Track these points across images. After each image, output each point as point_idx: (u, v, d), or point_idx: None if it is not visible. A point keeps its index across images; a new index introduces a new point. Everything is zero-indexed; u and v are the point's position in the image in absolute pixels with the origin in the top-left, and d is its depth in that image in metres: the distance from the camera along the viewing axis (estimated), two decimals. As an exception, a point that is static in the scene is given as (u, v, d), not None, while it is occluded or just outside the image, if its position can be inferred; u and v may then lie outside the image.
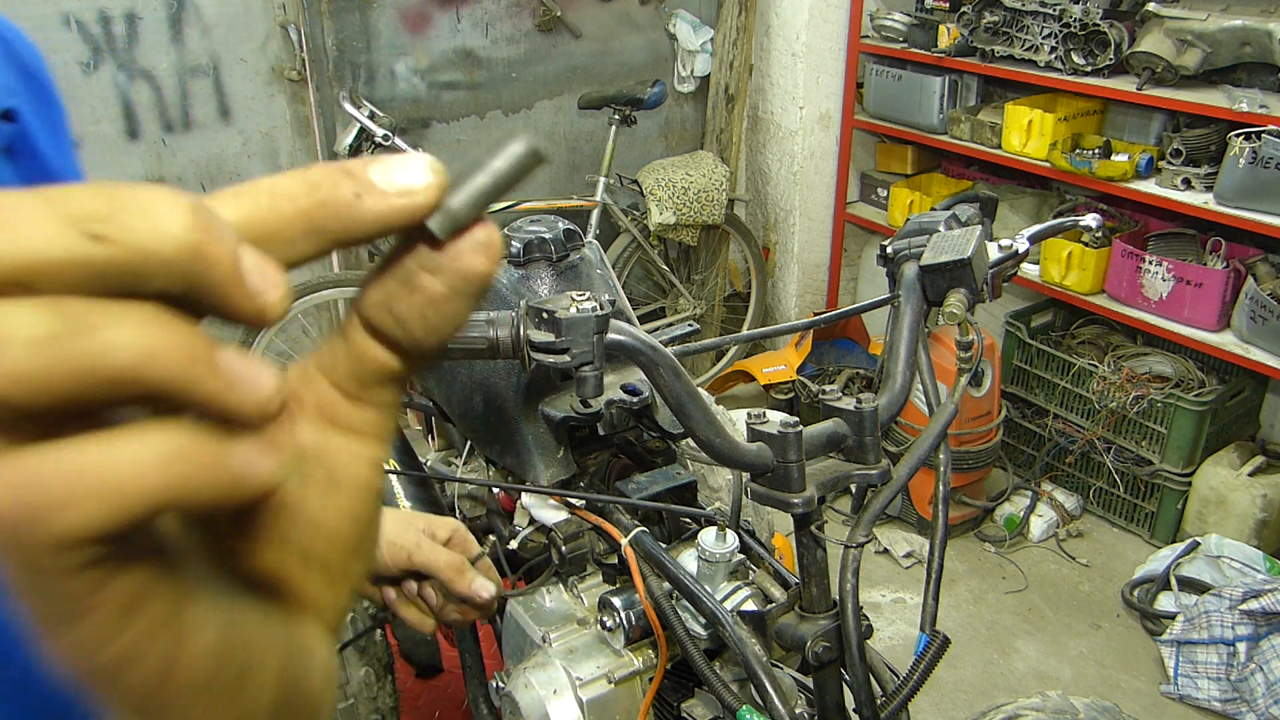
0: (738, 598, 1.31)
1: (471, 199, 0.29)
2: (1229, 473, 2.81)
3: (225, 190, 0.26)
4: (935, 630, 1.11)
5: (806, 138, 3.67)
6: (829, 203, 3.83)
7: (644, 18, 3.63)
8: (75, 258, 0.21)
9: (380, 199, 0.27)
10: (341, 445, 0.32)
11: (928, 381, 1.23)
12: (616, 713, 1.35)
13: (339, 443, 0.32)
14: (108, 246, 0.22)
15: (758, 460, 0.95)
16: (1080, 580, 2.94)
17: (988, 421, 2.98)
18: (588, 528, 1.46)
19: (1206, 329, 2.75)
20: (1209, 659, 2.44)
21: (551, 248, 1.44)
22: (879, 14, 3.47)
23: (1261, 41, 2.55)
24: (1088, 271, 2.95)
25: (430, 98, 3.28)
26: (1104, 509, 3.15)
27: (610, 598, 1.36)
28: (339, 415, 0.32)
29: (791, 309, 3.95)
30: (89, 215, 0.22)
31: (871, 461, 1.02)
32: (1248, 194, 2.52)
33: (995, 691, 2.54)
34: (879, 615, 2.79)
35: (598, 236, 3.25)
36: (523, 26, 3.37)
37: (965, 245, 1.16)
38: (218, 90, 2.94)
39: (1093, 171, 2.81)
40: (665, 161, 3.53)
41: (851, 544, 1.05)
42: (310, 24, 2.96)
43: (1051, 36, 2.92)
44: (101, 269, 0.22)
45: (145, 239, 0.22)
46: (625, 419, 1.44)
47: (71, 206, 0.22)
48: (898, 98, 3.41)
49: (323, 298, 3.01)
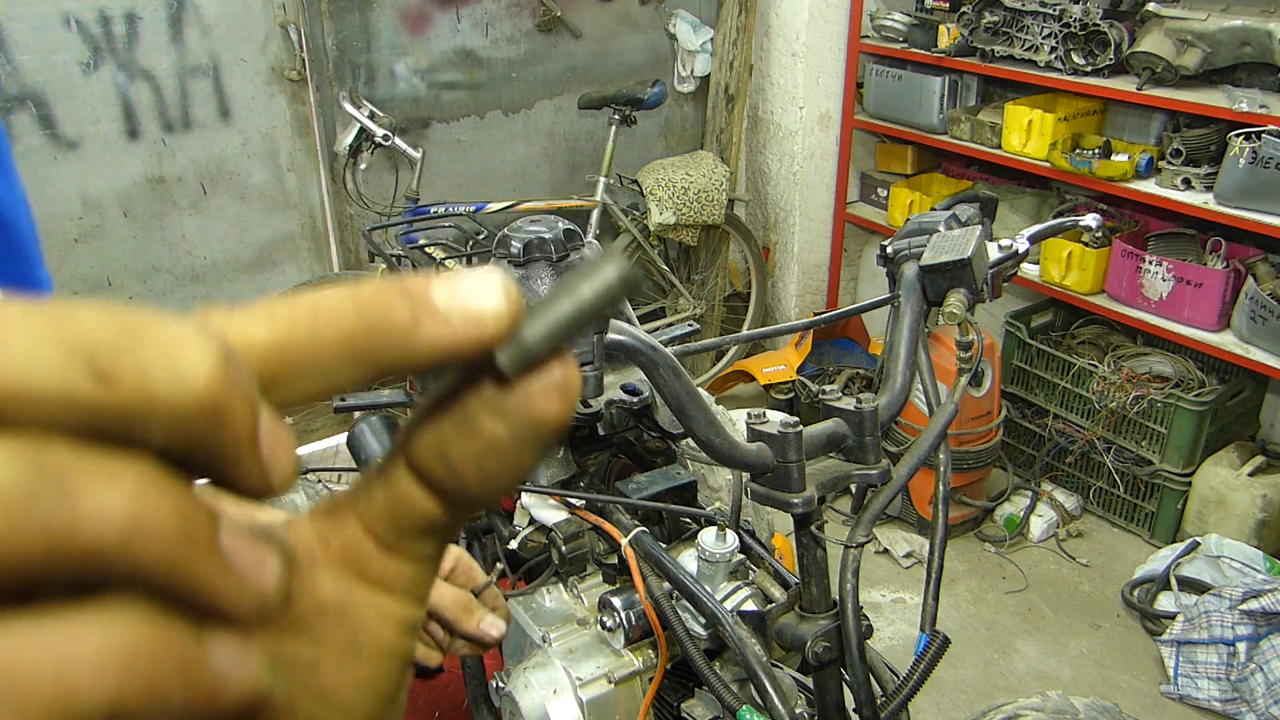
0: (738, 598, 1.31)
1: (549, 330, 0.24)
2: (1229, 473, 2.81)
3: (259, 304, 0.23)
4: (935, 630, 1.11)
5: (806, 138, 3.67)
6: (829, 203, 3.83)
7: (644, 18, 3.63)
8: (71, 397, 0.18)
9: (442, 326, 0.23)
10: (368, 602, 0.27)
11: (928, 381, 1.23)
12: (616, 713, 1.35)
13: (366, 598, 0.27)
14: (113, 389, 0.18)
15: (758, 460, 0.95)
16: (1080, 580, 2.94)
17: (988, 421, 2.98)
18: (588, 528, 1.46)
19: (1206, 329, 2.75)
20: (1209, 659, 2.44)
21: (551, 248, 1.44)
22: (879, 14, 3.47)
23: (1261, 41, 2.55)
24: (1088, 271, 2.95)
25: (430, 98, 3.28)
26: (1104, 509, 3.15)
27: (610, 598, 1.36)
28: (369, 567, 0.27)
29: (791, 309, 3.95)
30: (97, 346, 0.18)
31: (871, 461, 1.02)
32: (1248, 194, 2.52)
33: (995, 691, 2.54)
34: (879, 615, 2.79)
35: (598, 236, 3.25)
36: (523, 26, 3.37)
37: (965, 245, 1.16)
38: (218, 90, 2.94)
39: (1093, 171, 2.81)
40: (665, 161, 3.53)
41: (851, 544, 1.05)
42: (310, 24, 2.96)
43: (1051, 36, 2.92)
44: (99, 414, 0.18)
45: (159, 387, 0.19)
46: (625, 419, 1.44)
47: (79, 332, 0.18)
48: (898, 98, 3.41)
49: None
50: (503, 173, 3.51)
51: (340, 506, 0.27)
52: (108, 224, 2.90)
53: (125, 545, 0.19)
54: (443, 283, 0.23)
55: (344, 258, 3.27)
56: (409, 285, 0.23)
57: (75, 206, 2.84)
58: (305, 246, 3.25)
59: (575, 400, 0.25)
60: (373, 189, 3.15)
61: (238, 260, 3.16)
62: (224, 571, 0.20)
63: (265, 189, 3.12)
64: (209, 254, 3.10)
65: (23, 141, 2.70)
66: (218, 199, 3.05)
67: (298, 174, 3.15)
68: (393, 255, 2.66)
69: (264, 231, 3.16)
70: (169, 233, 3.01)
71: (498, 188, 3.47)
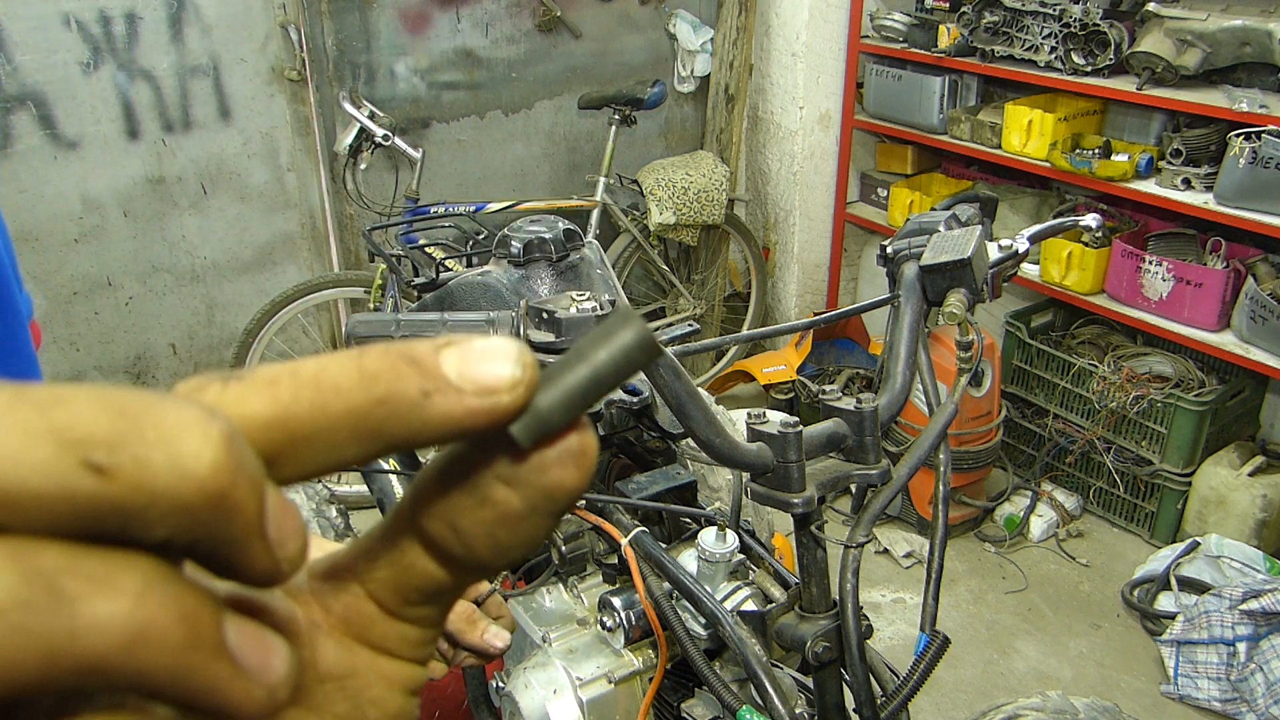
0: (738, 598, 1.31)
1: (565, 399, 0.23)
2: (1229, 473, 2.81)
3: (259, 373, 0.21)
4: (935, 630, 1.11)
5: (806, 138, 3.67)
6: (829, 203, 3.83)
7: (644, 18, 3.63)
8: (66, 494, 0.17)
9: (454, 400, 0.22)
10: (371, 666, 0.26)
11: (928, 381, 1.23)
12: (616, 713, 1.35)
13: (369, 663, 0.26)
14: (110, 483, 0.17)
15: (758, 460, 0.95)
16: (1080, 580, 2.94)
17: (988, 421, 2.98)
18: (588, 528, 1.46)
19: (1206, 329, 2.75)
20: (1209, 659, 2.43)
21: (551, 248, 1.44)
22: (879, 14, 3.47)
23: (1261, 41, 2.55)
24: (1088, 271, 2.95)
25: (430, 98, 3.28)
26: (1104, 509, 3.15)
27: (610, 598, 1.36)
28: (372, 632, 0.26)
29: (791, 309, 3.95)
30: (92, 437, 0.17)
31: (871, 461, 1.02)
32: (1248, 194, 2.52)
33: (995, 691, 2.54)
34: (879, 615, 2.79)
35: (598, 236, 3.25)
36: (523, 26, 3.37)
37: (965, 245, 1.16)
38: (218, 90, 2.94)
39: (1093, 171, 2.81)
40: (665, 161, 3.53)
41: (851, 544, 1.05)
42: (310, 24, 2.96)
43: (1051, 36, 2.92)
44: (96, 510, 0.17)
45: (160, 478, 0.18)
46: (625, 419, 1.44)
47: (71, 422, 0.17)
48: (898, 98, 3.41)
49: (323, 298, 3.01)
50: (503, 173, 3.51)
51: (342, 571, 0.26)
52: (108, 224, 2.91)
53: (127, 655, 0.17)
54: (453, 351, 0.22)
55: (344, 258, 3.27)
56: (416, 354, 0.22)
57: (75, 206, 2.84)
58: (305, 246, 3.25)
59: (592, 468, 0.24)
60: (373, 189, 3.15)
61: (238, 260, 3.16)
62: (231, 672, 0.19)
63: (265, 189, 3.12)
64: (209, 254, 3.10)
65: (23, 141, 2.70)
66: (218, 199, 3.05)
67: (298, 174, 3.15)
68: (393, 255, 2.66)
69: (264, 231, 3.16)
70: (169, 233, 3.01)
71: (498, 188, 3.47)
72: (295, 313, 2.98)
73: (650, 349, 0.24)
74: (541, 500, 0.24)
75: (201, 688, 0.19)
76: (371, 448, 0.22)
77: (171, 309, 3.10)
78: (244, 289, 3.19)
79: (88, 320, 2.98)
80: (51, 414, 0.17)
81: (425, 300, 1.58)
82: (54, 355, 2.95)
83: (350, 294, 3.02)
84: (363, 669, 0.26)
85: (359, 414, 0.21)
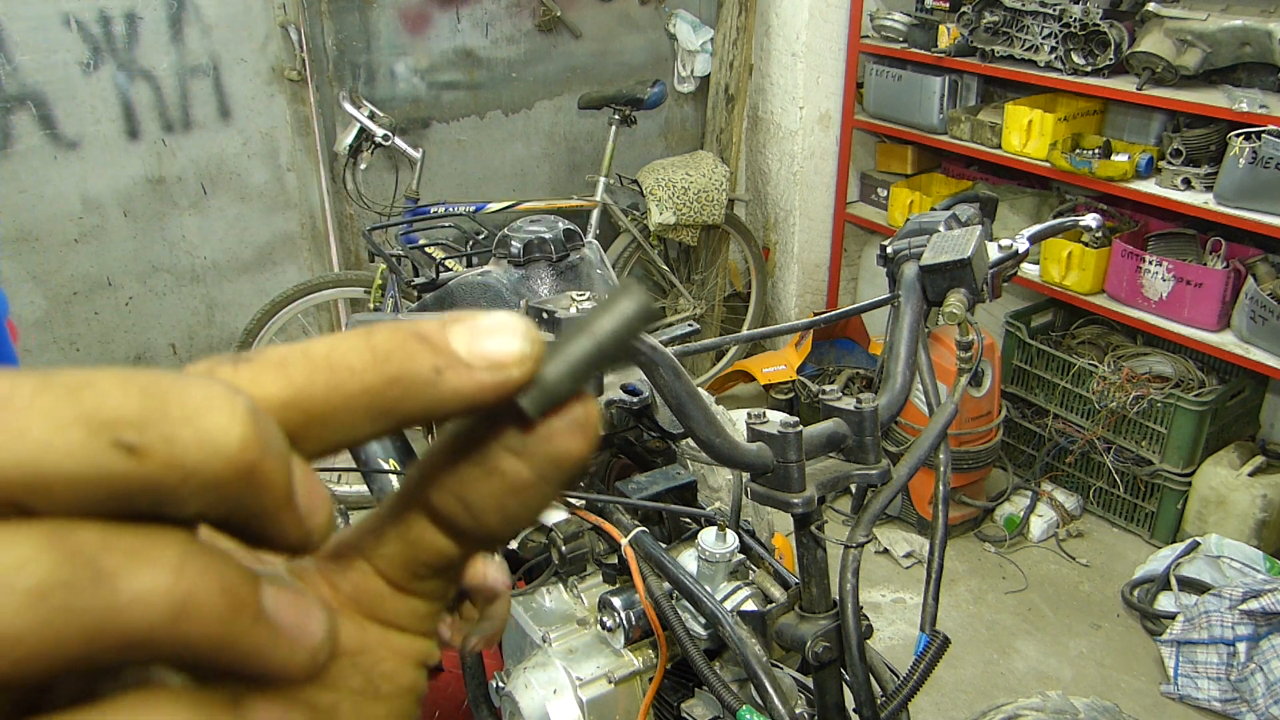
0: (738, 598, 1.31)
1: (570, 369, 0.24)
2: (1229, 473, 2.81)
3: (269, 355, 0.22)
4: (935, 630, 1.11)
5: (806, 138, 3.67)
6: (829, 203, 3.83)
7: (644, 18, 3.63)
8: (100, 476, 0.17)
9: (465, 375, 0.22)
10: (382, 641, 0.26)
11: (928, 381, 1.23)
12: (616, 713, 1.35)
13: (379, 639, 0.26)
14: (141, 462, 0.17)
15: (758, 460, 0.95)
16: (1080, 580, 2.94)
17: (988, 421, 2.98)
18: (588, 528, 1.46)
19: (1206, 329, 2.75)
20: (1209, 659, 2.43)
21: (551, 248, 1.44)
22: (879, 14, 3.47)
23: (1261, 41, 2.55)
24: (1088, 271, 2.95)
25: (430, 98, 3.28)
26: (1104, 509, 3.15)
27: (610, 598, 1.36)
28: (382, 607, 0.26)
29: (791, 309, 3.95)
30: (121, 419, 0.17)
31: (871, 461, 1.02)
32: (1248, 194, 2.52)
33: (995, 691, 2.54)
34: (879, 615, 2.79)
35: (598, 236, 3.25)
36: (523, 26, 3.37)
37: (965, 245, 1.16)
38: (218, 90, 2.95)
39: (1093, 171, 2.81)
40: (665, 161, 3.53)
41: (851, 544, 1.05)
42: (310, 24, 2.96)
43: (1051, 36, 2.92)
44: (130, 489, 0.18)
45: (190, 454, 0.18)
46: (625, 419, 1.44)
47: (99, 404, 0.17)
48: (898, 98, 3.41)
49: (323, 298, 3.01)
50: (503, 173, 3.52)
51: (348, 550, 0.26)
52: (108, 224, 2.91)
53: (172, 626, 0.18)
54: (462, 327, 0.23)
55: (344, 258, 3.27)
56: (426, 331, 0.22)
57: (75, 206, 2.84)
58: (305, 246, 3.25)
59: (596, 435, 0.25)
60: (373, 189, 3.15)
61: (238, 260, 3.16)
62: (273, 637, 0.20)
63: (265, 189, 3.12)
64: (209, 254, 3.10)
65: (23, 141, 2.70)
66: (218, 199, 3.05)
67: (298, 174, 3.15)
68: (393, 255, 2.66)
69: (264, 231, 3.16)
70: (169, 233, 3.01)
71: (498, 188, 3.47)
72: (295, 313, 2.98)
73: (649, 316, 0.25)
74: (550, 469, 0.24)
75: (245, 653, 0.19)
76: (385, 424, 0.22)
77: (171, 309, 3.10)
78: (244, 289, 3.19)
79: (88, 320, 2.98)
80: (79, 397, 0.17)
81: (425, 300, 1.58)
82: (54, 355, 2.95)
83: (350, 294, 3.03)
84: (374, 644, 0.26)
85: (373, 393, 0.22)
